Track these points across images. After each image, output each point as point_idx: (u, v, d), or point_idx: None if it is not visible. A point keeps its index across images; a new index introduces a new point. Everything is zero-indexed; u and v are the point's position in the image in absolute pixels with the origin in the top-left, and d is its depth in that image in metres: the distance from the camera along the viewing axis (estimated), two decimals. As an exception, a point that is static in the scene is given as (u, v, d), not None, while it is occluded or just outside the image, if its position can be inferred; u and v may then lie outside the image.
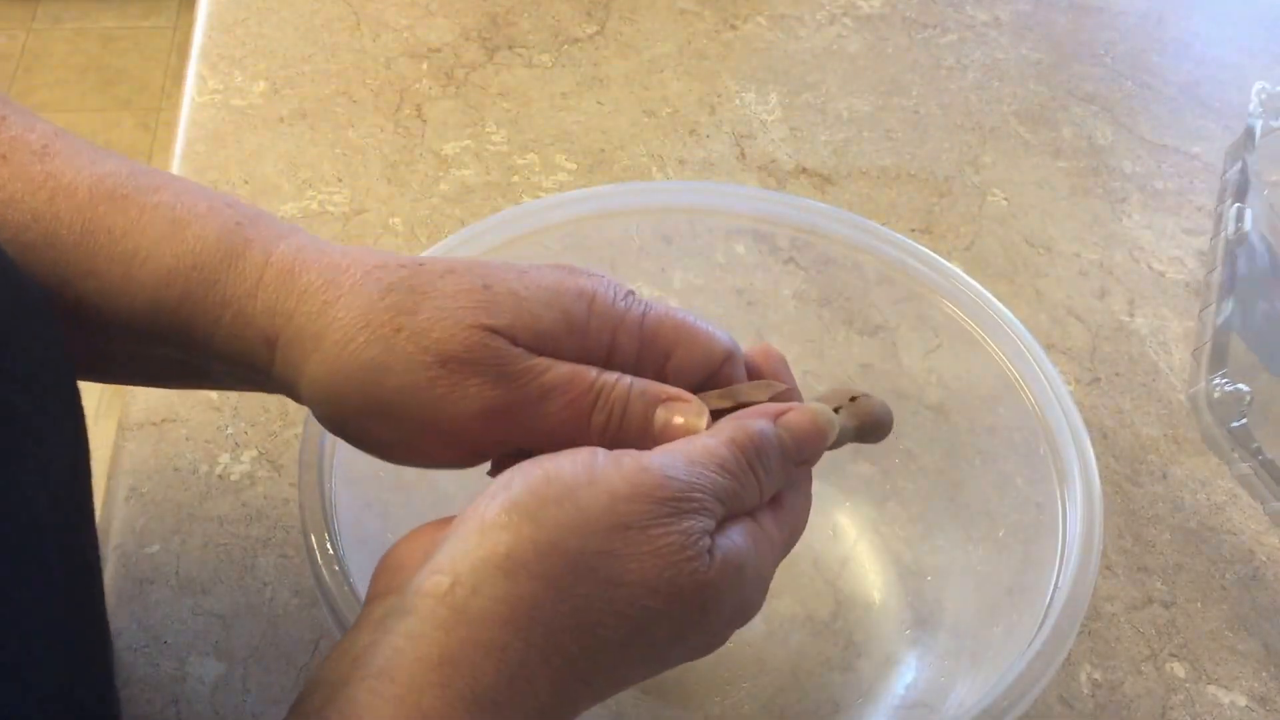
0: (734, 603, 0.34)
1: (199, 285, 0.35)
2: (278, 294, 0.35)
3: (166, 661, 0.49)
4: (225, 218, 0.36)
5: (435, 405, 0.34)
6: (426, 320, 0.34)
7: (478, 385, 0.34)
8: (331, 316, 0.34)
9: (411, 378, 0.34)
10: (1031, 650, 0.39)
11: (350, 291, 0.35)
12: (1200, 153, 0.79)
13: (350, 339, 0.34)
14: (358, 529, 0.43)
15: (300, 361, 0.35)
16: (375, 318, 0.34)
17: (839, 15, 0.87)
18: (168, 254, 0.35)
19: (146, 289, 0.35)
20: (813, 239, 0.53)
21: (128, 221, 0.35)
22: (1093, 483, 0.44)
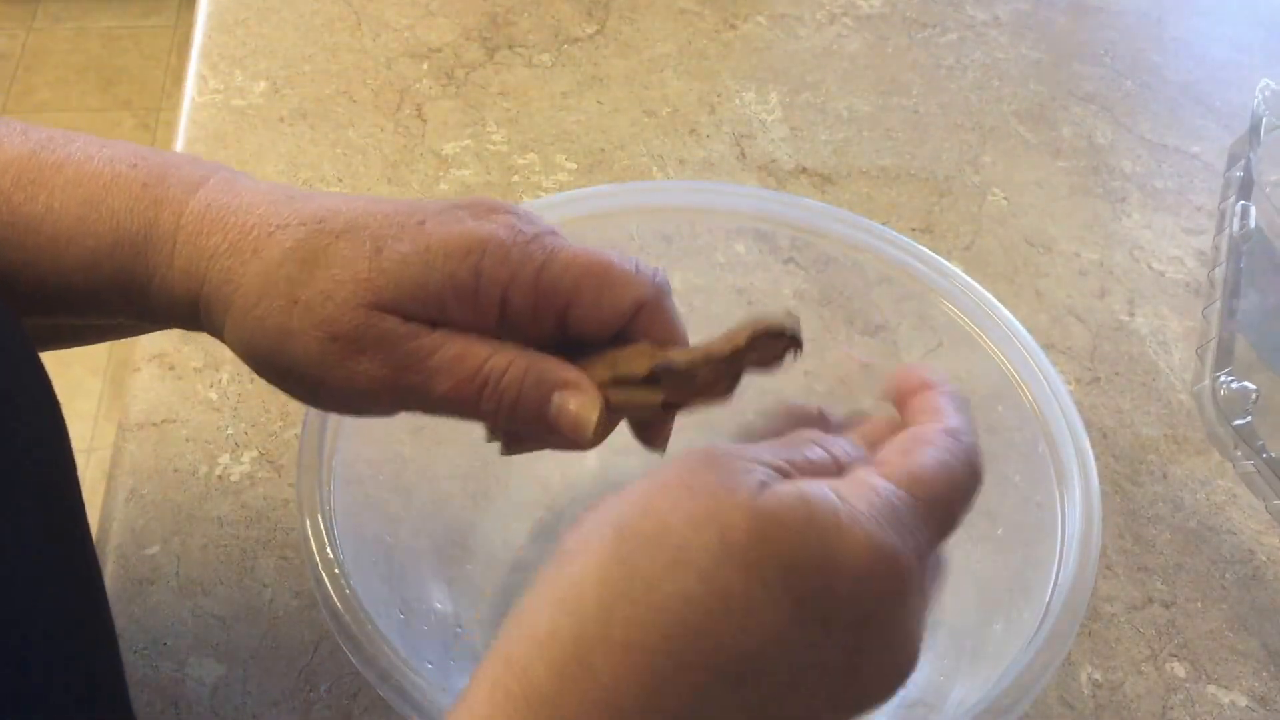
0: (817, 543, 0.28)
1: (125, 262, 0.37)
2: (190, 258, 0.36)
3: (166, 663, 0.49)
4: (131, 181, 0.37)
5: (331, 375, 0.35)
6: (318, 295, 0.35)
7: (366, 364, 0.35)
8: (235, 284, 0.36)
9: (307, 349, 0.35)
10: (1031, 649, 0.39)
11: (253, 256, 0.36)
12: (1200, 152, 0.79)
13: (252, 307, 0.36)
14: (357, 530, 0.43)
15: (218, 322, 0.37)
16: (272, 288, 0.35)
17: (839, 15, 0.87)
18: (88, 237, 0.36)
19: (79, 270, 0.37)
20: (813, 239, 0.53)
21: (42, 209, 0.37)
22: (1091, 482, 0.44)
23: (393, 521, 0.48)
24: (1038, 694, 0.39)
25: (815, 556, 0.29)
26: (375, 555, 0.45)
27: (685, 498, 0.29)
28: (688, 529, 0.29)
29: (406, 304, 0.35)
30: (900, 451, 0.32)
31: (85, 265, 0.36)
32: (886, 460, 0.32)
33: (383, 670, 0.38)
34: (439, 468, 0.52)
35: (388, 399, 0.36)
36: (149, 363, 0.60)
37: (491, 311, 0.36)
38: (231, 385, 0.59)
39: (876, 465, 0.32)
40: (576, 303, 0.36)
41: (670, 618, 0.28)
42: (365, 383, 0.35)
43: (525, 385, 0.36)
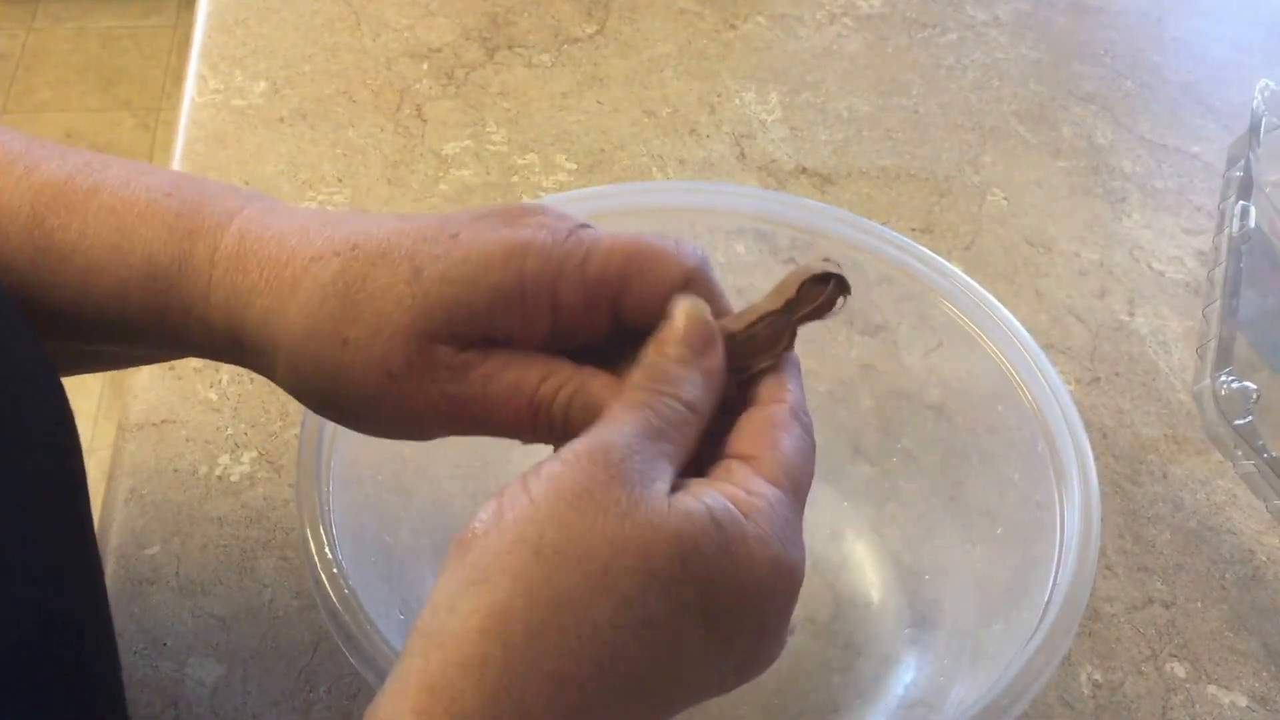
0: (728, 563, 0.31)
1: (157, 295, 0.36)
2: (227, 295, 0.36)
3: (166, 663, 0.49)
4: (165, 210, 0.36)
5: (390, 409, 0.35)
6: (366, 333, 0.34)
7: (425, 395, 0.35)
8: (279, 326, 0.35)
9: (365, 387, 0.35)
10: (1029, 649, 0.39)
11: (290, 295, 0.35)
12: (1200, 152, 0.79)
13: (300, 350, 0.35)
14: (357, 531, 0.43)
15: (267, 364, 0.36)
16: (319, 328, 0.35)
17: (839, 15, 0.87)
18: (121, 267, 0.36)
19: (109, 299, 0.36)
20: (813, 239, 0.53)
21: (75, 237, 0.36)
22: (1091, 482, 0.44)
23: (393, 522, 0.48)
24: (1036, 693, 0.39)
25: (729, 580, 0.31)
26: (375, 556, 0.45)
27: (601, 518, 0.30)
28: (609, 552, 0.30)
29: (455, 326, 0.35)
30: (767, 444, 0.34)
31: (117, 295, 0.36)
32: (758, 455, 0.34)
33: (381, 670, 0.38)
34: (439, 468, 0.52)
35: (447, 427, 0.36)
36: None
37: (542, 316, 0.36)
38: (231, 385, 0.59)
39: (751, 463, 0.34)
40: (626, 289, 0.36)
41: (599, 648, 0.29)
42: (426, 416, 0.35)
43: (573, 409, 0.36)
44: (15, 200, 0.36)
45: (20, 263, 0.36)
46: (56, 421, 0.36)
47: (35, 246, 0.36)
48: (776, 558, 0.32)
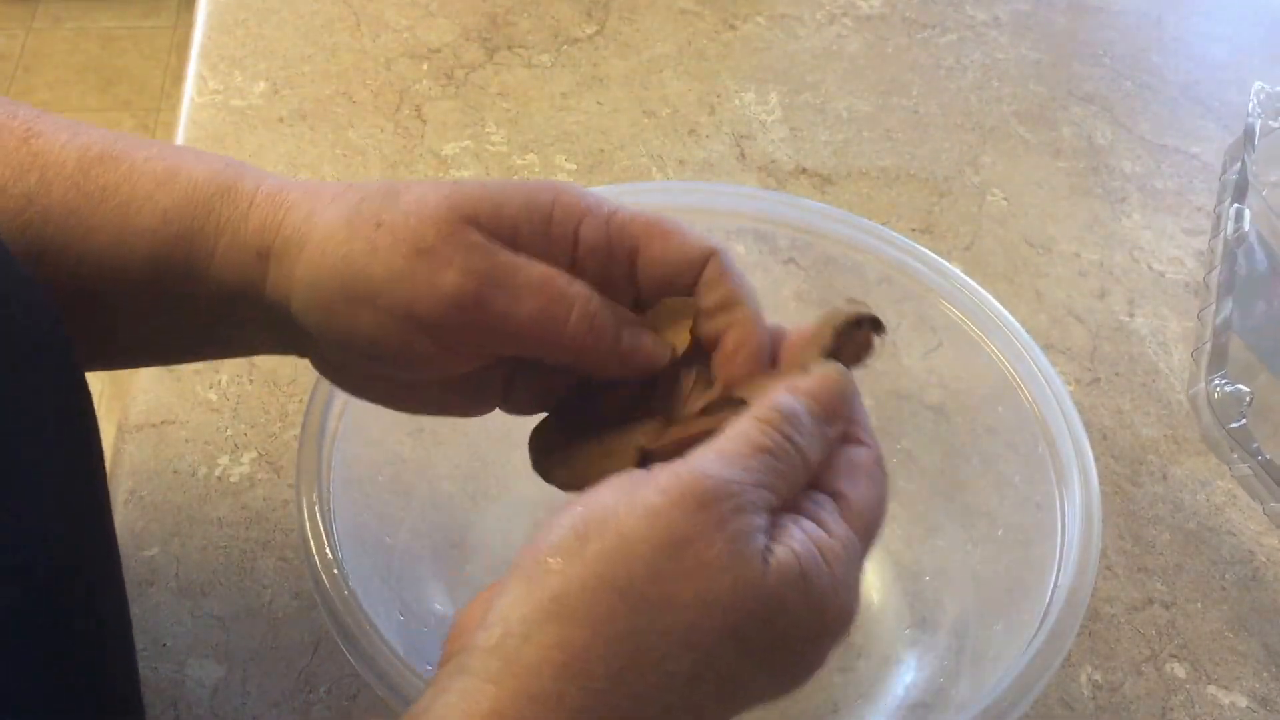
0: (807, 615, 0.31)
1: (195, 219, 0.36)
2: (267, 213, 0.36)
3: (166, 664, 0.49)
4: (214, 161, 0.38)
5: (414, 292, 0.34)
6: (402, 213, 0.35)
7: (453, 274, 0.34)
8: (315, 222, 0.36)
9: (391, 266, 0.34)
10: (1031, 650, 0.39)
11: (332, 201, 0.36)
12: (1199, 152, 0.79)
13: (332, 236, 0.35)
14: (357, 531, 0.43)
15: (291, 265, 0.36)
16: (355, 217, 0.35)
17: (838, 15, 0.87)
18: (163, 198, 0.36)
19: (144, 234, 0.36)
20: (812, 239, 0.53)
21: (120, 177, 0.36)
22: (1091, 483, 0.44)
23: (392, 522, 0.48)
24: (1037, 695, 0.39)
25: (802, 630, 0.31)
26: (375, 556, 0.45)
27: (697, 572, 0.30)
28: (699, 609, 0.30)
29: (485, 222, 0.35)
30: (855, 486, 0.34)
31: (153, 224, 0.36)
32: (847, 495, 0.34)
33: (381, 670, 0.38)
34: (438, 469, 0.52)
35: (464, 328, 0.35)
36: (148, 363, 0.60)
37: (564, 246, 0.36)
38: (231, 386, 0.59)
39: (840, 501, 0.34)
40: (646, 248, 0.37)
41: (672, 698, 0.29)
42: (452, 292, 0.34)
43: (601, 314, 0.36)
44: (63, 157, 0.36)
45: (61, 209, 0.36)
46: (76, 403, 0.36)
47: (79, 190, 0.36)
48: (844, 606, 0.32)
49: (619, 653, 0.29)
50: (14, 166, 0.36)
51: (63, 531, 0.34)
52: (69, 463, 0.35)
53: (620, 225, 0.37)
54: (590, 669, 0.29)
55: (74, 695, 0.35)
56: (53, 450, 0.34)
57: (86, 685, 0.36)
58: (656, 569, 0.29)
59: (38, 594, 0.33)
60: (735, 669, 0.30)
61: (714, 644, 0.30)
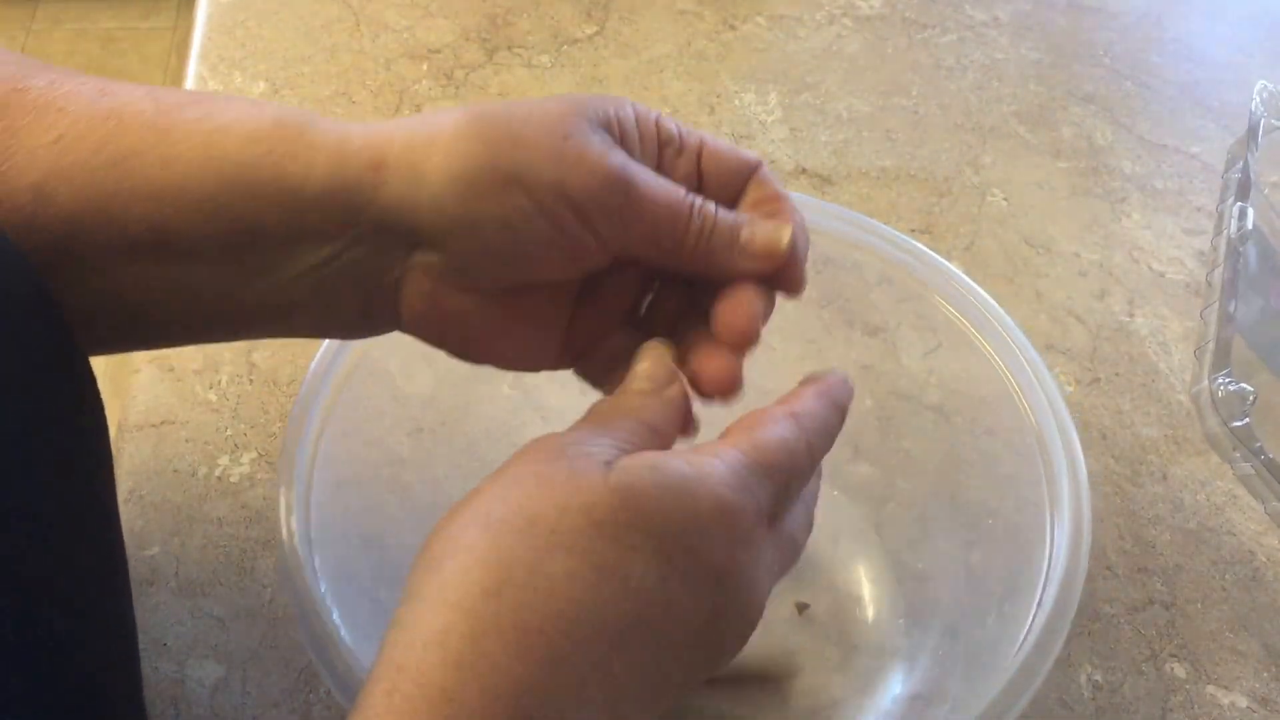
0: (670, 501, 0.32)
1: (286, 138, 0.35)
2: (369, 132, 0.36)
3: (166, 664, 0.49)
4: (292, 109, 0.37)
5: (566, 171, 0.35)
6: (533, 112, 0.36)
7: (603, 156, 0.35)
8: (438, 125, 0.35)
9: (541, 147, 0.35)
10: (1023, 652, 0.39)
11: (444, 114, 0.36)
12: (1200, 153, 0.79)
13: (470, 128, 0.35)
14: (356, 532, 0.43)
15: (420, 163, 0.35)
16: (484, 114, 0.36)
17: (838, 15, 0.87)
18: (249, 123, 0.35)
19: (230, 154, 0.35)
20: (812, 236, 0.53)
21: (203, 112, 0.36)
22: (1080, 480, 0.44)
23: (391, 522, 0.48)
24: (1032, 695, 0.39)
25: (673, 517, 0.31)
26: (374, 556, 0.45)
27: (544, 488, 0.31)
28: (554, 514, 0.31)
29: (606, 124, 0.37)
30: (744, 428, 0.35)
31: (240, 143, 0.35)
32: (730, 433, 0.35)
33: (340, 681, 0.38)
34: (437, 469, 0.52)
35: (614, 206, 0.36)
36: (148, 364, 0.60)
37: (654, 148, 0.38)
38: (231, 386, 0.59)
39: (721, 438, 0.35)
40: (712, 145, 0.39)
41: (557, 597, 0.30)
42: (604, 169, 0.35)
43: (720, 214, 0.38)
44: (139, 106, 0.36)
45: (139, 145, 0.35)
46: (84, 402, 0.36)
47: (156, 126, 0.35)
48: (719, 496, 0.32)
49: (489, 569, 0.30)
50: (89, 117, 0.35)
51: (63, 531, 0.34)
52: (69, 460, 0.35)
53: (686, 131, 0.39)
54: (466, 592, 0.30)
55: (74, 697, 0.35)
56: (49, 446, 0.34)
57: (87, 687, 0.36)
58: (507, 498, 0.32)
59: (35, 594, 0.33)
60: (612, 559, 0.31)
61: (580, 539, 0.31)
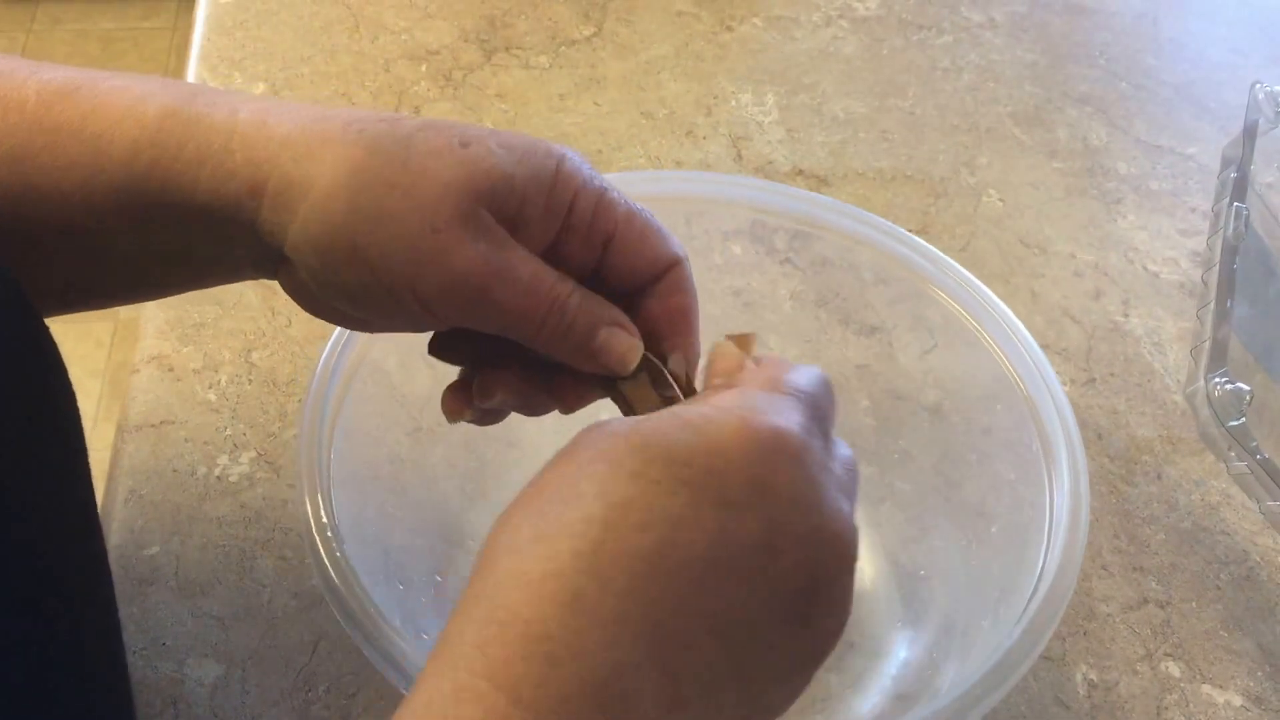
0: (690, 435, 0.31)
1: (167, 150, 0.35)
2: (255, 144, 0.35)
3: (165, 663, 0.49)
4: (181, 88, 0.37)
5: (420, 270, 0.34)
6: (416, 181, 0.34)
7: (462, 262, 0.34)
8: (319, 165, 0.34)
9: (401, 238, 0.34)
10: (1010, 639, 0.40)
11: (336, 141, 0.35)
12: (1195, 153, 0.79)
13: (342, 187, 0.34)
14: (355, 531, 0.43)
15: (291, 206, 0.35)
16: (366, 172, 0.34)
17: (835, 17, 0.87)
18: (132, 128, 0.35)
19: (118, 164, 0.35)
20: (810, 229, 0.54)
21: (85, 111, 0.36)
22: (1080, 471, 0.44)
23: (390, 521, 0.48)
24: (1015, 683, 0.39)
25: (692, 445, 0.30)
26: (373, 555, 0.45)
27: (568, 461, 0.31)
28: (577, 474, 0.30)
29: (495, 198, 0.35)
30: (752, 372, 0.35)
31: (125, 156, 0.35)
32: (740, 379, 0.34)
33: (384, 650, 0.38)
34: (436, 469, 0.52)
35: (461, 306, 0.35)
36: (148, 364, 0.60)
37: (556, 218, 0.37)
38: (230, 386, 0.59)
39: None
40: (622, 238, 0.38)
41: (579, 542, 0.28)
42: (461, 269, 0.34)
43: (581, 315, 0.37)
44: (22, 95, 0.36)
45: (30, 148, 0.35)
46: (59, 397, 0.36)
47: (44, 127, 0.35)
48: (745, 419, 0.31)
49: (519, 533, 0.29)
50: None
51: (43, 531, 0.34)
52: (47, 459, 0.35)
53: (607, 207, 0.38)
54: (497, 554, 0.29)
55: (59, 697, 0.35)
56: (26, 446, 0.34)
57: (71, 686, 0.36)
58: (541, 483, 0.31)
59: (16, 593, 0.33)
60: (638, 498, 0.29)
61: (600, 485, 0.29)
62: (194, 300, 0.63)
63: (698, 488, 0.29)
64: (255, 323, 0.62)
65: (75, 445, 0.37)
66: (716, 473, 0.30)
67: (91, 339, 1.77)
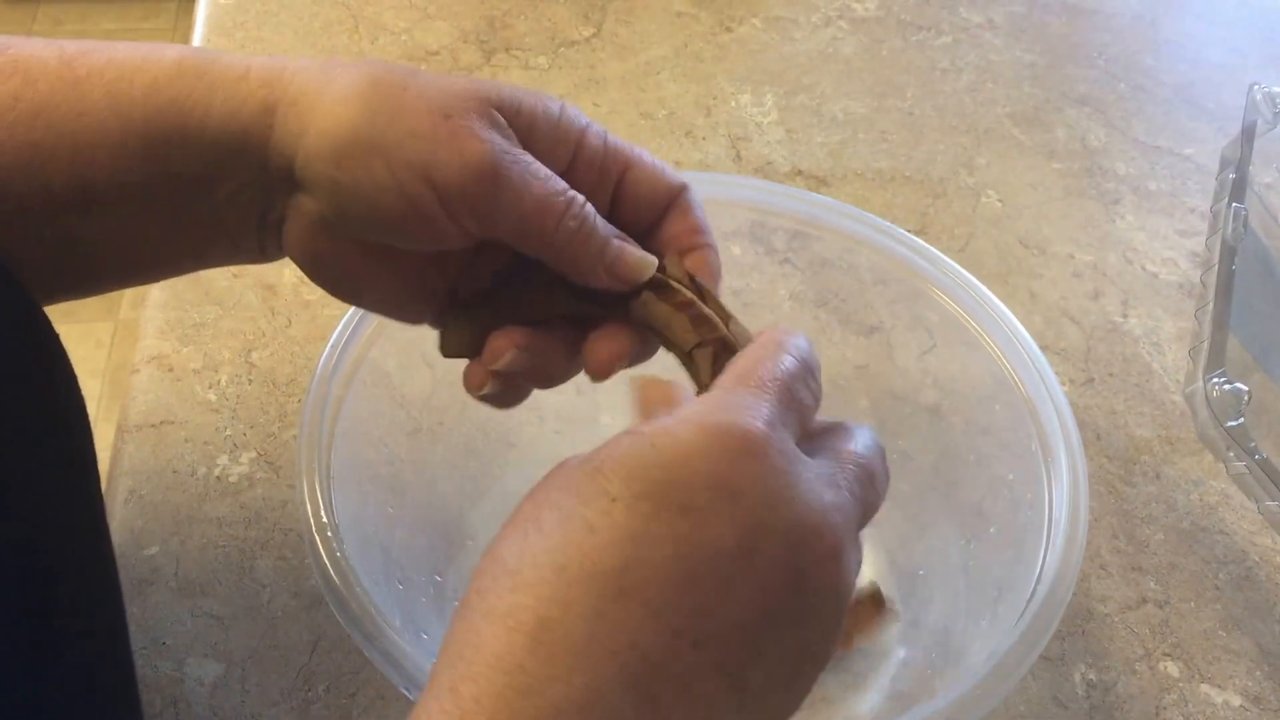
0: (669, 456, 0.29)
1: (185, 83, 0.36)
2: (270, 71, 0.36)
3: (165, 663, 0.49)
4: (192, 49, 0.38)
5: (435, 154, 0.35)
6: (428, 85, 0.35)
7: (476, 143, 0.35)
8: (333, 78, 0.36)
9: (416, 125, 0.35)
10: (1007, 642, 0.40)
11: (347, 66, 0.36)
12: (1193, 154, 0.79)
13: (355, 90, 0.35)
14: (354, 530, 0.43)
15: (305, 114, 0.35)
16: (380, 78, 0.35)
17: (834, 18, 0.87)
18: (152, 68, 0.36)
19: (134, 104, 0.36)
20: (809, 230, 0.54)
21: (105, 60, 0.36)
22: (1080, 476, 0.44)
23: (388, 522, 0.48)
24: (1013, 685, 0.39)
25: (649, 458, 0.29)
26: (371, 554, 0.45)
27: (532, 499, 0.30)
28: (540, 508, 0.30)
29: (505, 109, 0.36)
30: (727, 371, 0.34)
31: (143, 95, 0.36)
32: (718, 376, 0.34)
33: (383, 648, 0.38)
34: (436, 469, 0.52)
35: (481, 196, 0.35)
36: (147, 364, 0.60)
37: (567, 150, 0.38)
38: (230, 386, 0.59)
39: None
40: (632, 169, 0.39)
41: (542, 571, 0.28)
42: (474, 160, 0.35)
43: (599, 221, 0.37)
44: (43, 57, 0.36)
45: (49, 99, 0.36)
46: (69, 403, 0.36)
47: (64, 78, 0.36)
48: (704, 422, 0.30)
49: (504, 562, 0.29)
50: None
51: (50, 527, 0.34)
52: (56, 459, 0.35)
53: (614, 145, 0.39)
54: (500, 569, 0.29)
55: (67, 696, 0.35)
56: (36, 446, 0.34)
57: (79, 685, 0.36)
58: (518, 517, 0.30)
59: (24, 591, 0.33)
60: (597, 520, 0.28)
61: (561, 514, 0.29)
62: (194, 300, 0.63)
63: (657, 500, 0.28)
64: (255, 323, 0.62)
65: (81, 443, 0.38)
66: (677, 483, 0.29)
67: (92, 339, 1.77)
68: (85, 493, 0.38)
